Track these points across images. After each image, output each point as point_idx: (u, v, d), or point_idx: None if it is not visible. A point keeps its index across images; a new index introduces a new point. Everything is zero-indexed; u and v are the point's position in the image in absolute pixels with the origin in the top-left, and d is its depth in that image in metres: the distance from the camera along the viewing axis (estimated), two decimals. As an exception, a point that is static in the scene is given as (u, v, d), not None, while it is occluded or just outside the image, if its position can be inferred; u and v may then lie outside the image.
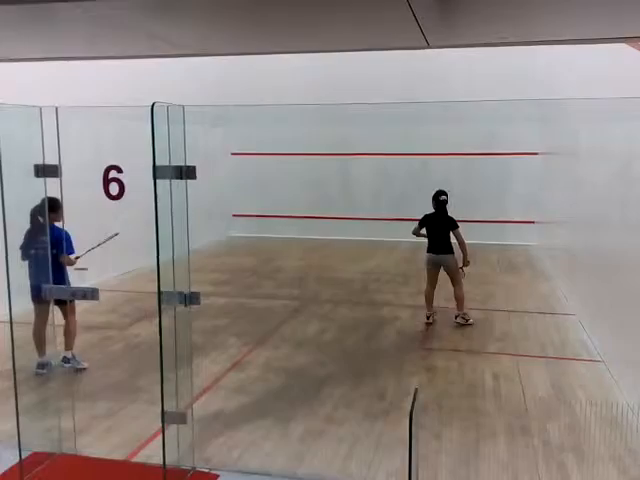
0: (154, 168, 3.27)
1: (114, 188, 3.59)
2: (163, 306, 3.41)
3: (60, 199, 4.20)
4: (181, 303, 3.49)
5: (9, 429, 3.78)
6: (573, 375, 5.31)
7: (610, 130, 5.82)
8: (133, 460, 3.89)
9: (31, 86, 6.30)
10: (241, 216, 13.14)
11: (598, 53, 5.87)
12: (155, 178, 3.28)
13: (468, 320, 6.82)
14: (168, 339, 3.40)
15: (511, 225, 11.93)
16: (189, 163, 3.38)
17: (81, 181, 5.17)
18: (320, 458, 3.93)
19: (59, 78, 6.99)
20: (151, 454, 3.87)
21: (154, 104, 3.17)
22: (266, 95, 11.08)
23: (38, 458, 3.79)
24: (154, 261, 3.24)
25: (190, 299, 3.50)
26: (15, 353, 3.54)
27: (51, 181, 3.68)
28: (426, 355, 5.90)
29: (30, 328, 4.71)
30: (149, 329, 6.32)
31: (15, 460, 3.63)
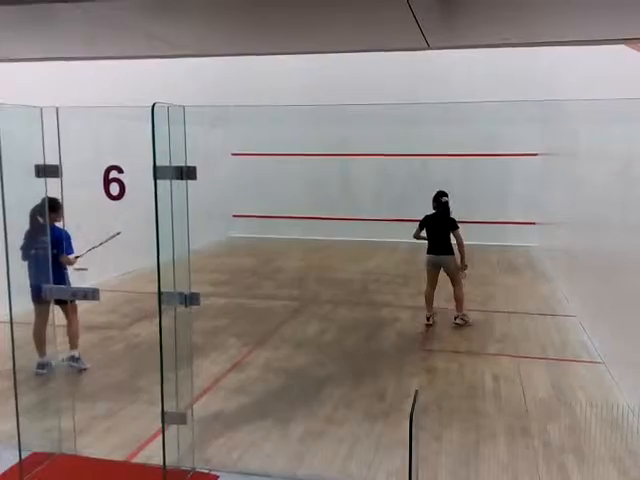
0: (154, 168, 3.27)
1: (114, 188, 3.59)
2: (163, 306, 3.41)
3: (60, 199, 4.20)
4: (181, 303, 3.49)
5: (9, 429, 3.78)
6: (573, 376, 5.30)
7: (610, 131, 5.82)
8: (133, 461, 3.89)
9: (31, 86, 6.31)
10: (241, 216, 13.14)
11: (598, 54, 5.87)
12: (155, 178, 3.28)
13: (467, 321, 6.82)
14: (168, 339, 3.40)
15: (511, 226, 11.92)
16: (189, 163, 3.38)
17: (81, 181, 5.17)
18: (320, 459, 3.93)
19: (59, 78, 6.99)
20: (151, 455, 3.87)
21: (155, 104, 3.17)
22: (266, 96, 11.09)
23: (38, 458, 3.79)
24: (154, 261, 3.24)
25: (190, 299, 3.50)
26: (15, 353, 3.54)
27: (51, 181, 3.68)
28: (426, 356, 5.89)
29: (30, 328, 4.71)
30: (149, 329, 6.33)
31: (15, 460, 3.63)
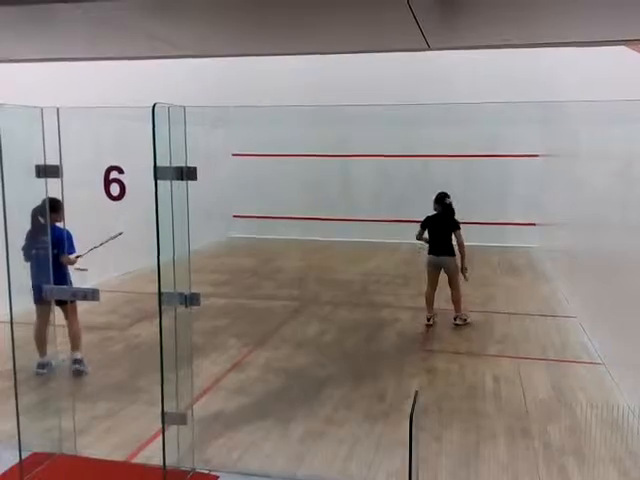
0: (155, 169, 3.28)
1: (115, 189, 3.59)
2: (163, 307, 3.41)
3: (61, 199, 4.20)
4: (181, 304, 3.49)
5: (9, 429, 3.78)
6: (574, 377, 5.30)
7: (611, 132, 5.82)
8: (133, 461, 3.89)
9: (32, 87, 6.31)
10: (241, 217, 13.15)
11: (599, 56, 5.87)
12: (156, 179, 3.28)
13: (466, 319, 6.84)
14: (168, 340, 3.40)
15: (512, 227, 11.91)
16: (190, 164, 3.38)
17: (82, 181, 5.18)
18: (320, 459, 3.93)
19: (60, 79, 6.99)
20: (151, 455, 3.87)
21: (155, 105, 3.17)
22: (267, 96, 11.08)
23: (38, 458, 3.79)
24: (155, 262, 3.24)
25: (190, 300, 3.50)
26: (15, 353, 3.54)
27: (52, 181, 3.68)
28: (426, 357, 5.89)
29: (30, 328, 4.71)
30: (149, 330, 6.33)
31: (15, 460, 3.62)
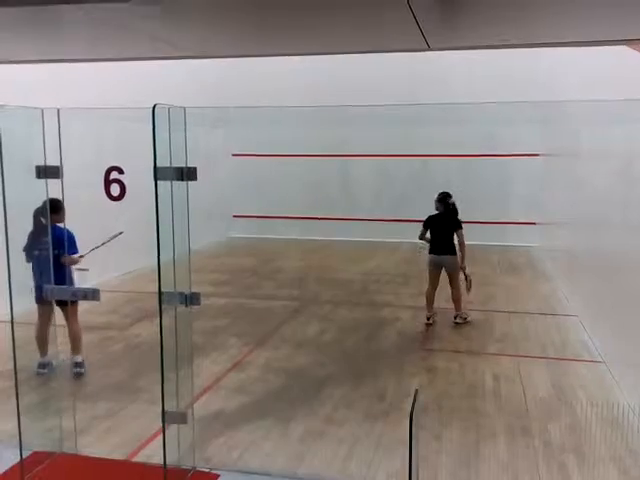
0: (155, 169, 3.28)
1: (115, 189, 3.60)
2: (164, 306, 3.41)
3: (61, 200, 4.21)
4: (182, 303, 3.49)
5: (10, 429, 3.79)
6: (574, 376, 5.31)
7: (611, 132, 5.82)
8: (134, 460, 3.90)
9: (32, 87, 6.31)
10: (241, 217, 13.15)
11: (599, 55, 5.87)
12: (156, 179, 3.29)
13: (466, 318, 6.86)
14: (169, 339, 3.40)
15: (512, 226, 11.92)
16: (190, 164, 3.39)
17: (82, 182, 5.18)
18: (320, 458, 3.93)
19: (60, 80, 7.00)
20: (151, 454, 3.88)
21: (155, 106, 3.17)
22: (267, 97, 11.09)
23: (39, 457, 3.80)
24: (155, 261, 3.25)
25: (191, 299, 3.51)
26: (16, 353, 3.55)
27: (52, 182, 3.69)
28: (426, 356, 5.90)
29: (31, 328, 4.71)
30: (150, 329, 6.34)
31: (16, 459, 3.63)
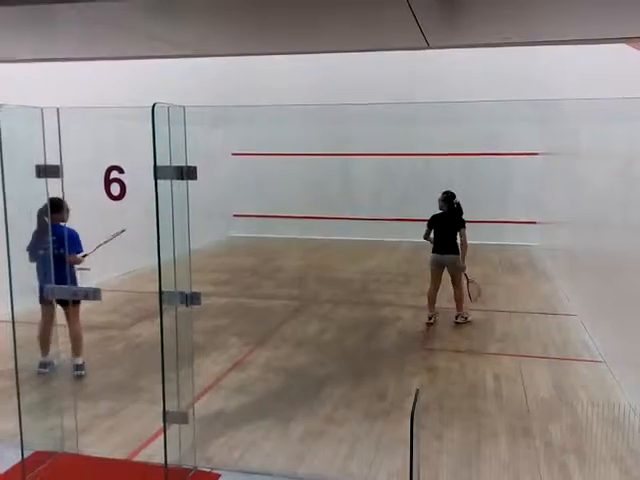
0: (155, 168, 3.28)
1: (115, 188, 3.60)
2: (164, 306, 3.41)
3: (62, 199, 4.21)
4: (182, 303, 3.49)
5: (11, 428, 3.79)
6: (575, 376, 5.30)
7: (611, 130, 5.81)
8: (135, 459, 3.90)
9: (32, 87, 6.31)
10: (241, 216, 13.15)
11: (599, 53, 5.87)
12: (156, 178, 3.29)
13: (467, 317, 6.87)
14: (169, 339, 3.40)
15: (512, 225, 11.92)
16: (190, 163, 3.38)
17: (82, 181, 5.18)
18: (321, 458, 3.93)
19: (59, 79, 6.99)
20: (153, 453, 3.88)
21: (155, 105, 3.17)
22: (266, 95, 11.09)
23: (40, 457, 3.80)
24: (155, 261, 3.25)
25: (191, 299, 3.51)
26: (17, 352, 3.54)
27: (53, 181, 3.68)
28: (427, 355, 5.90)
29: (31, 327, 4.71)
30: (150, 329, 6.33)
31: (17, 459, 3.63)
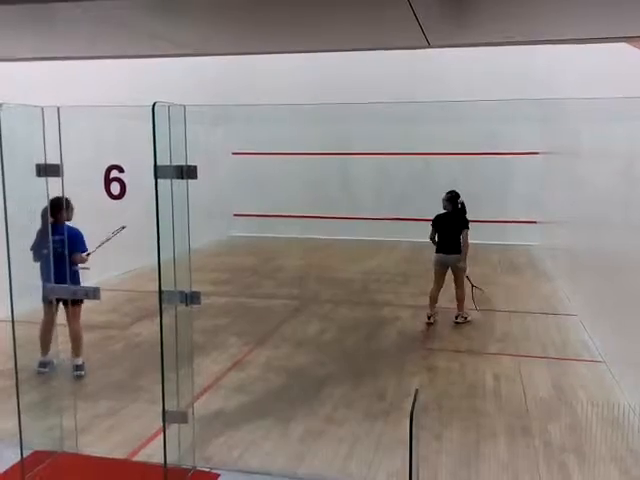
0: (155, 167, 3.27)
1: (115, 187, 3.59)
2: (164, 305, 3.41)
3: (62, 198, 4.20)
4: (182, 302, 3.49)
5: (11, 427, 3.78)
6: (574, 376, 5.30)
7: (612, 130, 5.81)
8: (134, 459, 3.90)
9: (32, 85, 6.31)
10: (242, 216, 13.15)
11: (599, 52, 5.86)
12: (156, 177, 3.28)
13: (467, 317, 6.88)
14: (169, 338, 3.40)
15: (512, 225, 11.91)
16: (190, 163, 3.38)
17: (83, 180, 5.17)
18: (320, 458, 3.93)
19: (60, 77, 6.99)
20: (152, 453, 3.88)
21: (155, 104, 3.16)
22: (267, 94, 11.08)
23: (39, 457, 3.80)
24: (155, 260, 3.24)
25: (191, 298, 3.50)
26: (17, 352, 3.54)
27: (53, 180, 3.68)
28: (427, 355, 5.89)
29: (31, 327, 4.70)
30: (150, 328, 6.33)
31: (17, 459, 3.63)
